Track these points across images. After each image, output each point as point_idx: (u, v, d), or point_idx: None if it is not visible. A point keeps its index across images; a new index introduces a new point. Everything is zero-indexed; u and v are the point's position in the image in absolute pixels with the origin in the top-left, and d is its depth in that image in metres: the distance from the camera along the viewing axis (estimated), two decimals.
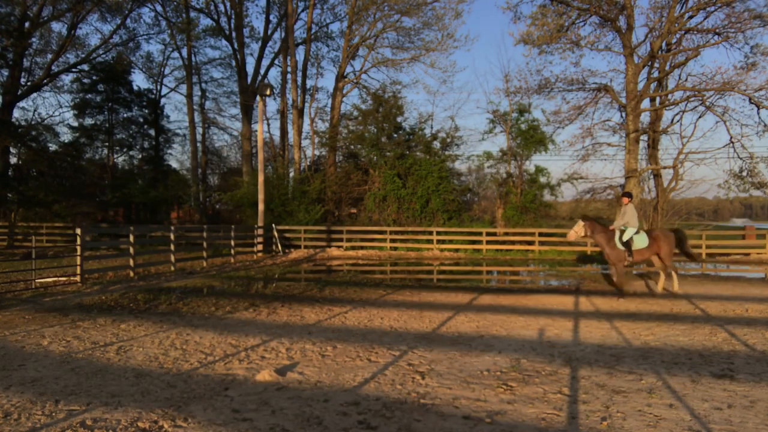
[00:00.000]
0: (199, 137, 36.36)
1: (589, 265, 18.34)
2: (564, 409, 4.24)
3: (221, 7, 30.36)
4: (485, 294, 10.99)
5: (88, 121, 34.72)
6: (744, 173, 22.91)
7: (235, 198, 25.59)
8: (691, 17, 22.24)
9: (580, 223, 10.58)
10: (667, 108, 24.23)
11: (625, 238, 10.19)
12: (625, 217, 10.29)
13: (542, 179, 24.67)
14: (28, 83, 27.03)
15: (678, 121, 24.30)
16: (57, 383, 4.90)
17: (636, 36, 23.27)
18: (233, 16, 30.08)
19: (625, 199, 10.48)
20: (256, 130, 26.31)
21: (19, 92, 25.82)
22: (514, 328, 7.56)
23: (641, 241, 10.21)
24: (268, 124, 34.71)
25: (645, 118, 24.18)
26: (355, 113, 27.48)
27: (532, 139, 24.60)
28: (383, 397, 4.53)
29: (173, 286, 11.85)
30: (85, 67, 30.88)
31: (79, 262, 11.68)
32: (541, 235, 21.62)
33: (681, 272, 15.41)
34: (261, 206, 21.42)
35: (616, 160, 29.80)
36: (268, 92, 21.54)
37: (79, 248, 11.69)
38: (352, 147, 27.51)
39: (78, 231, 11.71)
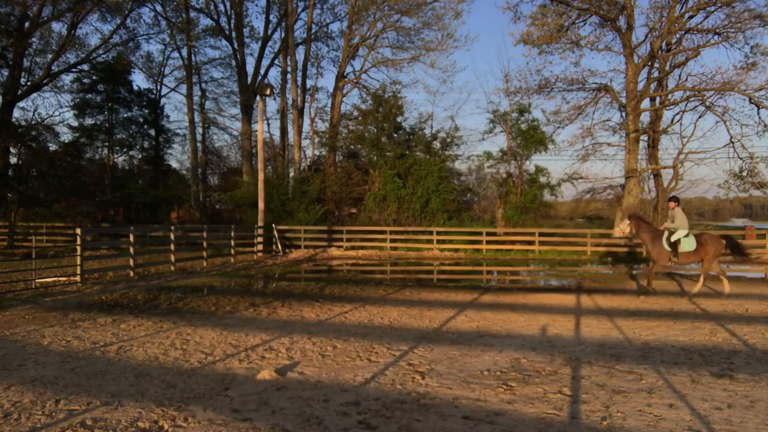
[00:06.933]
0: (199, 137, 36.40)
1: (589, 264, 18.34)
2: (564, 409, 4.24)
3: (221, 7, 30.39)
4: (485, 294, 10.98)
5: (88, 121, 34.74)
6: (744, 173, 22.91)
7: (235, 198, 25.59)
8: (691, 17, 22.23)
9: (626, 221, 10.79)
10: (667, 108, 24.23)
11: (674, 239, 10.26)
12: (676, 221, 10.38)
13: (542, 179, 24.67)
14: (28, 83, 27.03)
15: (678, 121, 24.34)
16: (57, 383, 4.89)
17: (636, 36, 23.28)
18: (233, 16, 30.09)
19: (672, 204, 10.54)
20: (256, 130, 26.32)
21: (19, 92, 25.82)
22: (515, 327, 7.56)
23: (689, 244, 10.26)
24: (268, 124, 34.74)
25: (645, 118, 24.19)
26: (355, 113, 27.51)
27: (532, 139, 24.60)
28: (383, 397, 4.52)
29: (173, 285, 11.85)
30: (85, 67, 30.89)
31: (79, 262, 11.67)
32: (541, 235, 21.61)
33: (682, 272, 15.41)
34: (261, 206, 21.42)
35: (616, 160, 29.87)
36: (268, 92, 21.53)
37: (79, 248, 11.69)
38: (352, 147, 27.52)
39: (78, 231, 11.71)
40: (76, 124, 34.18)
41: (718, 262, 10.55)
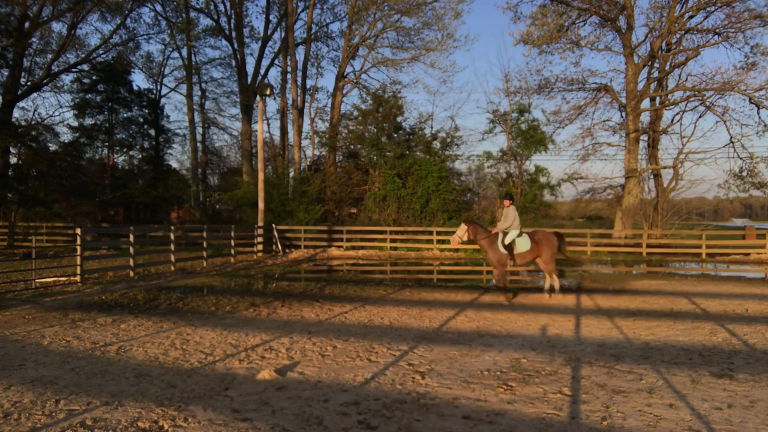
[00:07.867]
0: (199, 137, 36.41)
1: (589, 264, 18.34)
2: (564, 409, 4.24)
3: (221, 7, 30.40)
4: (485, 294, 10.99)
5: (88, 121, 34.75)
6: (744, 173, 22.93)
7: (235, 198, 25.60)
8: (691, 17, 22.26)
9: (463, 226, 10.23)
10: (667, 108, 24.25)
11: (507, 241, 9.99)
12: (507, 219, 10.06)
13: (542, 179, 24.68)
14: (28, 83, 27.02)
15: (678, 121, 24.36)
16: (57, 383, 4.90)
17: (636, 36, 23.33)
18: (233, 16, 30.10)
19: (507, 202, 10.23)
20: (256, 130, 26.32)
21: (19, 92, 25.80)
22: (515, 327, 7.56)
23: (523, 245, 10.03)
24: (268, 124, 34.76)
25: (645, 118, 24.21)
26: (355, 113, 27.51)
27: (532, 139, 24.62)
28: (383, 397, 4.52)
29: (173, 285, 11.85)
30: (85, 67, 30.88)
31: (79, 262, 11.68)
32: None
33: (682, 272, 15.42)
34: (261, 206, 21.42)
35: (616, 160, 29.92)
36: (268, 92, 21.53)
37: (79, 248, 11.69)
38: (352, 147, 27.52)
39: (78, 231, 11.72)
40: (76, 124, 34.22)
41: (554, 260, 10.24)
